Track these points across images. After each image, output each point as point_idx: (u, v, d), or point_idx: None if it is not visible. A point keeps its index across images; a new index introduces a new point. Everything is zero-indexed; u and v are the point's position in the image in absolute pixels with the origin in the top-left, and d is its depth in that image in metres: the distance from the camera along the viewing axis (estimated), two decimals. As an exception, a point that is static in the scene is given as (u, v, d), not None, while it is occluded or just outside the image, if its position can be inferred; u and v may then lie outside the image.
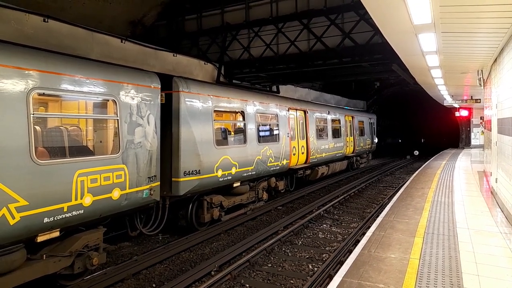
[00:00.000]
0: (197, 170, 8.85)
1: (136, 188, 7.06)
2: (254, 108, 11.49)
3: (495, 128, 9.53)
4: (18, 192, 5.10)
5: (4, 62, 5.06)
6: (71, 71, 6.02)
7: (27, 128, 5.27)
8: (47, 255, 5.84)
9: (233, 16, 14.50)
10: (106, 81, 6.60)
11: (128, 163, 6.91)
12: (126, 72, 7.23)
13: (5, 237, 4.98)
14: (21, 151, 5.18)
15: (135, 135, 7.12)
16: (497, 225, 7.24)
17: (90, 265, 6.33)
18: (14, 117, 5.13)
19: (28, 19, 8.35)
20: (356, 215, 11.57)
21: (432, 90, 18.00)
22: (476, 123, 29.22)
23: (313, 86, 25.20)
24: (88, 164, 6.16)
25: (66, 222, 5.80)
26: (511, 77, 6.67)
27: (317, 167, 16.28)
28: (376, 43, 11.89)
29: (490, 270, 5.10)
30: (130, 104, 7.06)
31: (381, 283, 4.75)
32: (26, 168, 5.22)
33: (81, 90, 6.19)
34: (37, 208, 5.34)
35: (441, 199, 9.80)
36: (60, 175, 5.69)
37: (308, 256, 7.98)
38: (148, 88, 7.53)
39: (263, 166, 11.67)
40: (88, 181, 6.13)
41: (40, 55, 5.70)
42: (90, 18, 13.61)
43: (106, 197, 6.41)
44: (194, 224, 9.47)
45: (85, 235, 6.32)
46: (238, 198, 10.99)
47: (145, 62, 11.78)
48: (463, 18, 5.71)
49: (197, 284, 6.56)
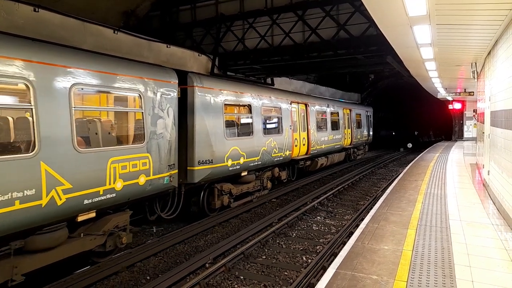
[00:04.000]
0: (210, 160, 9.51)
1: (158, 175, 7.74)
2: (260, 101, 12.12)
3: (488, 121, 9.59)
4: (64, 176, 5.77)
5: (54, 61, 5.83)
6: (104, 68, 6.67)
7: (69, 120, 5.92)
8: (84, 234, 6.55)
9: (227, 7, 14.36)
10: (132, 77, 7.27)
11: (152, 152, 7.58)
12: (149, 69, 7.91)
13: (53, 216, 5.70)
14: (66, 141, 5.86)
15: (157, 127, 7.78)
16: (489, 217, 7.32)
17: (120, 243, 7.13)
18: (60, 110, 5.81)
19: (18, 9, 8.19)
20: (350, 208, 11.63)
21: (426, 82, 18.05)
22: (469, 116, 29.41)
23: (307, 79, 25.16)
24: (119, 153, 6.83)
25: (102, 204, 6.50)
26: (505, 70, 6.69)
27: (316, 158, 16.88)
28: (371, 35, 11.86)
29: (481, 261, 5.16)
30: (152, 98, 7.71)
31: (375, 275, 4.79)
32: (69, 155, 5.88)
33: (113, 85, 6.89)
34: (79, 191, 6.04)
35: (434, 191, 9.88)
36: (96, 162, 6.37)
37: (302, 248, 8.02)
38: (168, 83, 8.22)
39: (268, 157, 12.31)
40: (119, 168, 6.80)
41: (78, 54, 6.48)
42: (83, 9, 13.39)
43: (134, 183, 7.11)
44: (205, 210, 10.05)
45: (115, 217, 7.03)
46: (245, 186, 11.58)
47: (139, 54, 11.64)
48: (458, 10, 5.70)
49: (192, 276, 6.57)
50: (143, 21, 16.55)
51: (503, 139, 7.01)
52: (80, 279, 6.25)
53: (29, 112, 5.48)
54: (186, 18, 15.67)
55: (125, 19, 16.01)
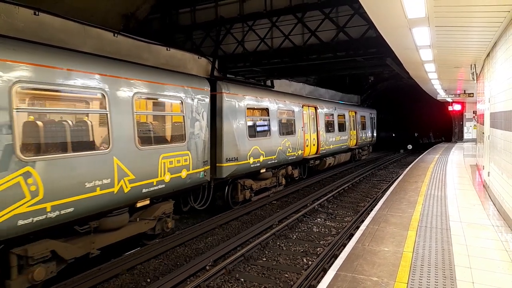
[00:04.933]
0: (235, 157, 10.68)
1: (196, 170, 8.95)
2: (276, 105, 13.33)
3: (487, 122, 9.60)
4: (129, 169, 6.95)
5: (121, 75, 7.09)
6: (156, 79, 7.98)
7: (132, 122, 7.12)
8: (140, 219, 7.68)
9: (227, 9, 14.38)
10: (175, 86, 8.52)
11: (191, 150, 8.79)
12: (188, 78, 9.22)
13: (121, 201, 6.85)
14: (130, 140, 7.07)
15: (195, 128, 9.01)
16: (489, 218, 7.31)
17: (166, 227, 8.32)
18: (126, 114, 7.01)
19: (18, 12, 8.21)
20: (350, 209, 11.63)
21: (425, 84, 18.06)
22: (469, 117, 29.41)
23: (307, 81, 25.19)
24: (167, 150, 8.07)
25: (154, 193, 7.67)
26: (504, 71, 6.70)
27: (325, 158, 18.00)
28: (371, 37, 11.87)
29: (482, 262, 5.16)
30: (191, 104, 8.96)
31: (375, 276, 4.78)
32: (133, 152, 7.09)
33: (162, 93, 8.17)
34: (139, 181, 7.21)
35: (434, 193, 9.88)
36: (151, 157, 7.58)
37: (302, 250, 8.02)
38: (202, 91, 9.49)
39: (283, 156, 13.42)
40: (168, 163, 8.00)
41: (137, 68, 7.85)
42: (83, 11, 13.42)
43: (178, 176, 8.33)
44: (229, 203, 11.19)
45: (163, 205, 8.18)
46: (264, 182, 12.73)
47: (138, 56, 11.65)
48: (457, 12, 5.72)
49: (192, 278, 6.57)
50: (143, 23, 16.59)
51: (503, 140, 7.01)
52: (82, 282, 6.25)
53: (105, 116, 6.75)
54: (186, 20, 15.70)
55: (125, 21, 16.04)
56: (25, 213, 5.28)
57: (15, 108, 5.25)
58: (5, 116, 5.12)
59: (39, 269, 5.65)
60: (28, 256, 5.53)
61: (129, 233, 7.39)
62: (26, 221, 5.31)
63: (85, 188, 6.11)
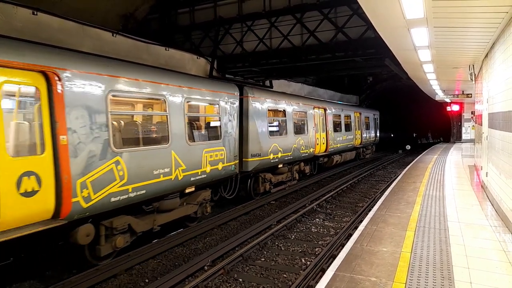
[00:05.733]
0: (259, 153, 11.95)
1: (228, 163, 10.33)
2: (291, 107, 14.52)
3: (486, 123, 9.62)
4: (182, 160, 8.34)
5: (176, 83, 8.41)
6: (200, 86, 9.46)
7: (184, 122, 8.52)
8: (186, 203, 9.05)
9: (226, 9, 14.39)
10: (214, 91, 9.91)
11: (225, 145, 10.19)
12: (223, 85, 10.66)
13: (176, 187, 8.30)
14: (182, 137, 8.45)
15: (228, 127, 10.41)
16: (487, 219, 7.33)
17: (205, 212, 9.77)
18: (179, 116, 8.42)
19: (16, 12, 8.20)
20: (348, 209, 11.64)
21: (424, 85, 18.10)
22: (467, 118, 29.46)
23: (306, 81, 25.21)
24: (208, 145, 9.46)
25: (199, 182, 9.07)
26: (502, 72, 6.72)
27: (332, 156, 19.34)
28: (369, 38, 11.90)
29: (480, 263, 5.17)
30: (225, 107, 10.34)
31: (373, 277, 4.79)
32: (184, 147, 8.48)
33: (204, 98, 9.61)
34: (189, 171, 8.61)
35: (432, 193, 9.89)
36: (197, 152, 8.99)
37: (301, 250, 8.02)
38: (233, 95, 10.83)
39: (297, 153, 14.70)
40: (208, 156, 9.39)
41: (187, 77, 9.40)
42: (82, 11, 13.41)
43: (216, 168, 9.72)
44: (251, 194, 12.55)
45: (203, 192, 9.52)
46: (281, 176, 14.02)
47: (137, 56, 11.65)
48: (455, 12, 5.73)
49: (190, 279, 6.56)
50: (142, 24, 16.58)
51: (501, 141, 7.03)
52: (79, 282, 6.24)
53: (165, 117, 8.12)
54: (185, 21, 15.70)
55: (124, 21, 16.03)
56: (115, 193, 6.68)
57: (109, 111, 6.63)
58: (103, 117, 6.49)
59: (119, 238, 7.10)
60: (112, 228, 6.93)
61: (179, 214, 8.77)
62: (116, 199, 6.71)
63: (153, 174, 7.56)
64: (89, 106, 6.25)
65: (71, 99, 5.95)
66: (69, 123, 5.89)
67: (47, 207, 5.64)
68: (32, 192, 5.38)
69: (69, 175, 5.85)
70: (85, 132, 6.18)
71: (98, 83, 6.50)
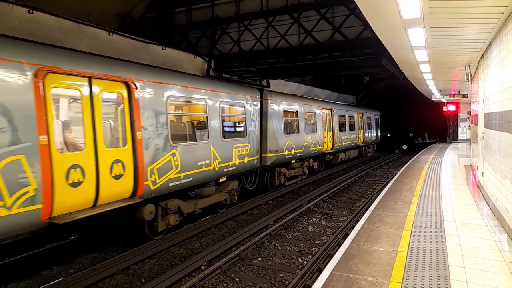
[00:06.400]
0: (276, 150, 13.36)
1: (252, 157, 11.80)
2: (303, 108, 16.04)
3: (482, 123, 9.66)
4: (218, 154, 9.87)
5: (213, 89, 10.00)
6: (230, 91, 10.90)
7: (219, 122, 10.05)
8: (219, 191, 10.45)
9: (223, 9, 14.37)
10: (241, 95, 11.47)
11: (250, 142, 11.66)
12: (248, 89, 12.28)
13: (213, 176, 9.78)
14: (218, 134, 10.02)
15: (252, 126, 11.90)
16: (483, 218, 7.37)
17: (234, 199, 11.28)
18: (216, 116, 9.96)
19: (12, 10, 8.15)
20: (345, 209, 11.66)
21: (420, 85, 18.16)
22: (464, 118, 29.59)
23: (303, 81, 25.20)
24: (237, 142, 10.97)
25: (229, 173, 10.55)
26: (498, 72, 6.75)
27: (338, 153, 20.93)
28: (366, 38, 11.92)
29: (476, 262, 5.20)
30: (249, 109, 11.84)
31: (370, 276, 4.80)
32: (219, 142, 10.01)
33: (234, 101, 11.04)
34: (223, 163, 10.10)
35: (428, 193, 9.93)
36: (229, 147, 10.49)
37: (297, 250, 8.03)
38: (255, 98, 12.35)
39: (308, 150, 16.13)
40: (237, 151, 10.87)
41: (221, 83, 10.88)
42: (79, 10, 13.33)
43: (242, 161, 11.18)
44: (268, 186, 13.94)
45: (232, 182, 10.98)
46: (293, 171, 15.39)
47: (134, 56, 11.61)
48: (452, 13, 5.75)
49: (187, 278, 6.55)
50: (138, 23, 16.51)
51: (497, 141, 7.07)
52: (75, 282, 6.21)
53: (206, 117, 9.65)
54: (182, 20, 15.66)
55: (121, 21, 15.95)
56: (172, 179, 8.14)
57: (168, 112, 8.09)
58: (164, 118, 7.95)
59: (172, 217, 8.50)
60: (167, 208, 8.32)
61: (214, 200, 10.19)
62: (172, 184, 8.17)
63: (198, 165, 9.04)
64: (155, 108, 7.76)
65: (143, 103, 7.47)
66: (142, 122, 7.38)
67: (128, 188, 7.16)
68: (119, 176, 6.90)
69: (143, 163, 7.35)
70: (153, 130, 7.66)
71: (161, 90, 8.03)
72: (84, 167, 6.22)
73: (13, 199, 5.25)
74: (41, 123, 5.58)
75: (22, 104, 5.39)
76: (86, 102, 6.40)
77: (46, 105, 5.69)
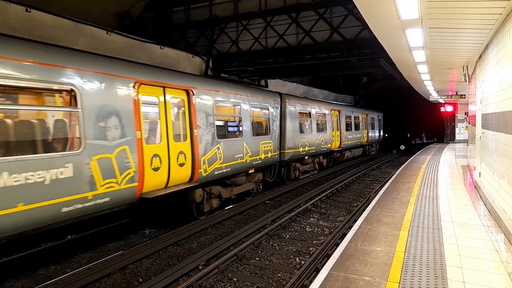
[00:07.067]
0: (293, 146, 14.99)
1: (274, 153, 13.54)
2: (315, 110, 17.79)
3: (479, 123, 9.69)
4: (249, 149, 11.61)
5: (246, 94, 11.86)
6: (258, 95, 12.78)
7: (250, 122, 11.87)
8: (247, 181, 12.06)
9: (221, 8, 14.36)
10: (266, 99, 13.32)
11: (272, 139, 13.40)
12: (271, 93, 14.20)
13: (245, 168, 11.47)
14: (249, 132, 11.79)
15: (274, 126, 13.63)
16: (480, 219, 7.39)
17: (259, 189, 12.95)
18: (248, 117, 11.76)
19: (9, 9, 8.12)
20: (343, 209, 11.67)
21: (418, 85, 18.20)
22: (461, 118, 29.67)
23: (301, 81, 25.21)
24: (263, 139, 12.67)
25: (257, 165, 12.24)
26: (496, 73, 6.77)
27: (344, 152, 22.52)
28: (364, 38, 11.93)
29: (473, 262, 5.21)
30: (272, 110, 13.60)
31: (367, 276, 4.81)
32: (250, 139, 11.79)
33: (262, 104, 12.92)
34: (253, 156, 11.88)
35: (426, 193, 9.96)
36: (256, 143, 12.20)
37: (295, 250, 8.03)
38: (276, 101, 14.20)
39: (319, 147, 17.96)
40: (263, 147, 12.63)
41: (253, 89, 12.97)
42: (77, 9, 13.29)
43: (267, 156, 12.91)
44: (284, 180, 15.36)
45: (258, 174, 12.62)
46: (306, 166, 17.16)
47: (132, 55, 11.59)
48: (450, 14, 5.76)
49: (185, 278, 6.54)
50: (137, 22, 16.48)
51: (494, 141, 7.09)
52: (73, 281, 6.19)
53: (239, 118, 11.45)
54: (180, 19, 15.64)
55: (119, 19, 15.91)
56: (217, 168, 9.90)
57: (214, 114, 9.87)
58: (212, 118, 9.75)
59: (214, 200, 10.21)
60: (211, 193, 9.98)
61: (244, 188, 11.89)
62: (217, 173, 9.93)
63: (235, 157, 10.82)
64: (205, 110, 9.54)
65: (198, 106, 9.25)
66: (197, 121, 9.15)
67: (187, 174, 8.91)
68: (182, 164, 8.66)
69: (198, 155, 9.11)
70: (204, 128, 9.43)
71: (210, 96, 9.82)
72: (161, 156, 7.99)
73: (121, 177, 6.97)
74: (137, 122, 7.39)
75: (126, 108, 7.17)
76: (162, 106, 8.21)
77: (139, 109, 7.47)
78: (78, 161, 6.16)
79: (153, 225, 9.77)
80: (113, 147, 6.80)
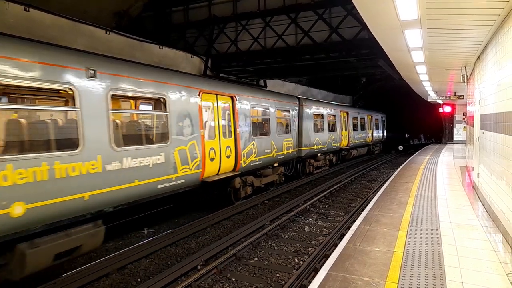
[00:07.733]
0: (308, 144, 16.89)
1: (293, 149, 15.40)
2: (327, 112, 19.75)
3: (477, 124, 9.71)
4: (276, 145, 13.54)
5: (273, 98, 13.89)
6: (281, 99, 14.67)
7: (275, 123, 13.68)
8: (273, 173, 13.71)
9: (220, 8, 14.36)
10: (287, 103, 15.25)
11: (292, 137, 15.31)
12: (291, 97, 16.16)
13: (272, 161, 13.31)
14: (276, 131, 13.65)
15: (294, 126, 15.63)
16: (478, 219, 7.40)
17: (281, 180, 14.67)
18: (274, 119, 13.62)
19: (8, 8, 8.10)
20: (341, 209, 11.68)
21: (417, 86, 18.23)
22: (459, 119, 29.72)
23: (300, 81, 25.24)
24: (285, 137, 14.54)
25: (280, 160, 14.03)
26: (494, 74, 6.79)
27: (351, 150, 24.24)
28: (363, 38, 11.95)
29: (471, 262, 5.22)
30: (292, 113, 15.58)
31: (366, 276, 4.81)
32: (277, 137, 13.71)
33: (283, 108, 14.78)
34: (278, 152, 13.70)
35: (424, 194, 9.97)
36: (281, 140, 14.09)
37: (294, 250, 8.03)
38: (295, 104, 16.17)
39: (330, 146, 19.82)
40: (286, 144, 14.46)
41: (276, 94, 14.84)
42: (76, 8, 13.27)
43: (288, 152, 14.74)
44: (300, 174, 17.18)
45: (280, 167, 14.37)
46: (319, 162, 18.92)
47: (130, 55, 11.57)
48: (448, 14, 5.77)
49: (183, 278, 6.53)
50: (135, 21, 16.47)
51: (492, 142, 7.11)
52: (71, 281, 6.18)
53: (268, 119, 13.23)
54: (179, 19, 15.63)
55: (118, 19, 15.90)
56: (252, 161, 11.87)
57: (251, 115, 11.90)
58: (249, 119, 11.76)
59: (248, 188, 12.09)
60: (246, 181, 11.89)
61: (270, 179, 13.56)
62: (252, 164, 11.89)
63: (265, 152, 12.67)
64: (244, 113, 11.55)
65: (239, 109, 11.24)
66: (239, 122, 11.15)
67: (232, 165, 10.93)
68: (229, 156, 10.69)
69: (239, 149, 11.11)
70: (244, 127, 11.42)
71: (247, 101, 11.82)
72: (215, 149, 10.05)
73: (192, 164, 8.91)
74: (201, 122, 9.36)
75: (195, 111, 9.15)
76: (215, 109, 10.25)
77: (201, 112, 9.41)
78: (167, 151, 8.17)
79: (151, 225, 9.76)
80: (187, 141, 8.80)
